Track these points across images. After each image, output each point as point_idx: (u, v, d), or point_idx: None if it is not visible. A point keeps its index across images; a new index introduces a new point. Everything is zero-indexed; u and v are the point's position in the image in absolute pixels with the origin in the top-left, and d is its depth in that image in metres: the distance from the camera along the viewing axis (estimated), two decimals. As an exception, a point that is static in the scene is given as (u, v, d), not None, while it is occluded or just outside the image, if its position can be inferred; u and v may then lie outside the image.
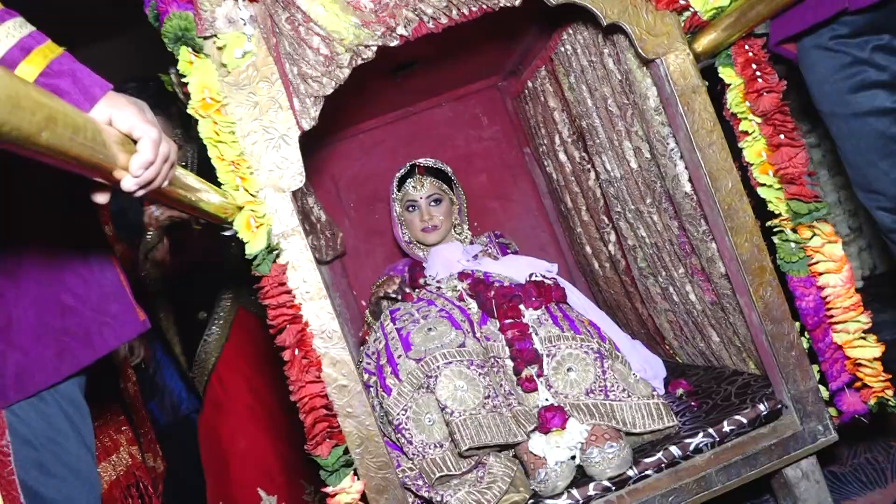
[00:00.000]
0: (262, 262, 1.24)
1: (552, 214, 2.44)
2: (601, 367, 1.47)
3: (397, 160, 2.28)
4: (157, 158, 0.85)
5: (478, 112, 2.43)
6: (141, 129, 0.84)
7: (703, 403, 1.53)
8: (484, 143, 2.44)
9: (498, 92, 2.44)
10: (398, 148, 2.37)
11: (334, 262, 2.29)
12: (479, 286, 1.70)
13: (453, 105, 2.42)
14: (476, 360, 1.47)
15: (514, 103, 2.40)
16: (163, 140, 0.87)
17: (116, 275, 1.15)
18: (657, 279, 1.79)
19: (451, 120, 2.42)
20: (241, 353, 2.26)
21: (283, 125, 1.27)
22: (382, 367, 1.55)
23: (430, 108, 2.40)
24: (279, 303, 1.23)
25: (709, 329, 1.68)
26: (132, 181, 0.83)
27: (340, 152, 2.37)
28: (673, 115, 1.40)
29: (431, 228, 2.02)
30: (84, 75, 0.84)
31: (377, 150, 2.38)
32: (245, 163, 1.25)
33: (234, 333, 2.27)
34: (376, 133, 2.38)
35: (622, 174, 1.73)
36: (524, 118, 2.33)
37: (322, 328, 1.26)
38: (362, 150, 2.38)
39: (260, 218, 1.24)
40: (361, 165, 2.37)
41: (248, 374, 2.26)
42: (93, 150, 0.74)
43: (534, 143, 2.31)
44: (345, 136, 2.36)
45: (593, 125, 1.78)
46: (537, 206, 2.46)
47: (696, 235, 1.51)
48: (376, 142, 2.38)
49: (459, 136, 2.42)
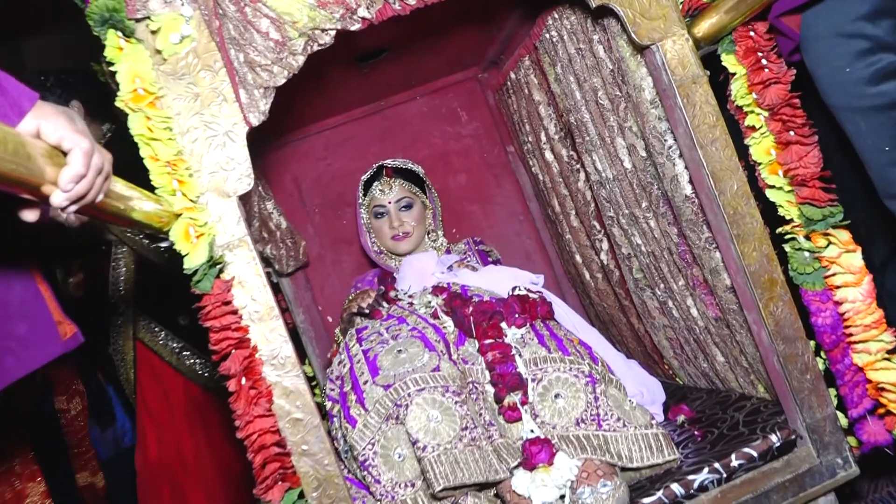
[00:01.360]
0: (203, 278, 1.19)
1: (538, 219, 2.44)
2: (593, 393, 1.45)
3: (367, 159, 2.28)
4: (90, 171, 0.86)
5: (456, 106, 2.44)
6: (71, 140, 0.84)
7: (708, 433, 1.50)
8: (463, 140, 2.44)
9: (478, 84, 2.44)
10: (368, 146, 2.37)
11: (296, 273, 2.27)
12: (456, 301, 1.69)
13: (428, 99, 2.42)
14: (452, 386, 1.44)
15: (496, 97, 2.40)
16: (96, 151, 0.88)
17: (30, 290, 1.10)
18: (654, 292, 1.77)
19: (426, 115, 2.42)
20: (158, 393, 2.18)
21: (227, 120, 1.24)
22: (346, 395, 1.52)
23: (402, 103, 2.40)
24: (223, 325, 1.19)
25: (712, 348, 1.66)
26: (62, 196, 0.84)
27: (303, 151, 2.35)
28: (671, 108, 1.38)
29: (402, 236, 2.02)
30: (10, 86, 0.85)
31: (344, 149, 2.37)
32: (183, 163, 1.21)
33: (143, 376, 2.19)
34: (343, 130, 2.37)
35: (615, 175, 1.71)
36: (507, 113, 2.32)
37: (273, 353, 1.22)
38: (327, 148, 2.37)
39: (201, 227, 1.21)
40: (326, 165, 2.36)
41: (180, 405, 2.19)
42: (15, 164, 0.75)
43: (517, 140, 2.31)
44: (307, 132, 2.35)
45: (582, 120, 1.76)
46: (522, 211, 2.46)
47: (697, 243, 1.49)
48: (343, 139, 2.37)
49: (436, 132, 2.42)
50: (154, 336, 2.19)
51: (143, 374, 2.20)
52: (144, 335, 2.19)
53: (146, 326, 2.20)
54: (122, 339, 2.19)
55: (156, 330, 2.20)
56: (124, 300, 2.16)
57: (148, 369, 2.20)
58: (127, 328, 2.19)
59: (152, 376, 2.22)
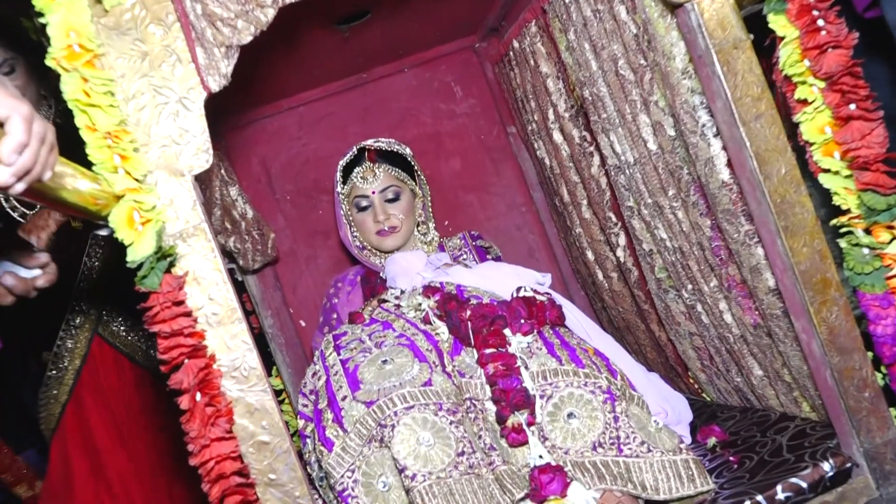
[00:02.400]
0: (150, 273, 1.13)
1: (543, 211, 2.43)
2: (612, 412, 1.42)
3: (347, 140, 2.25)
4: (32, 139, 0.87)
5: (449, 80, 2.42)
6: (6, 106, 0.85)
7: (746, 459, 1.47)
8: (457, 119, 2.43)
9: (475, 55, 2.43)
10: (347, 125, 2.35)
11: (264, 270, 2.24)
12: (451, 304, 1.66)
13: (418, 71, 2.41)
14: (446, 403, 1.42)
15: (496, 69, 2.38)
16: (36, 118, 0.88)
17: None
18: (680, 294, 1.74)
19: (415, 90, 2.40)
20: (94, 414, 2.08)
21: (182, 84, 1.19)
22: (322, 413, 1.50)
23: (388, 76, 2.39)
24: (173, 329, 1.12)
25: (749, 359, 1.62)
26: (7, 172, 0.85)
27: (273, 129, 2.34)
28: (707, 78, 1.33)
29: (388, 231, 2.01)
30: None
31: (320, 128, 2.35)
32: (127, 135, 1.16)
33: (85, 392, 2.09)
34: (320, 105, 2.35)
35: (636, 158, 1.68)
36: (508, 88, 2.30)
37: (235, 364, 1.18)
38: (301, 126, 2.35)
39: (147, 211, 1.15)
40: (301, 146, 2.34)
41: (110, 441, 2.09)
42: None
43: (521, 119, 2.29)
44: (278, 108, 2.33)
45: (599, 95, 1.73)
46: (524, 201, 2.45)
47: (735, 238, 1.45)
48: (320, 116, 2.35)
49: (426, 110, 2.41)
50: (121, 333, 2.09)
51: (86, 390, 2.09)
52: (108, 332, 2.09)
53: (113, 322, 2.10)
54: (74, 342, 2.09)
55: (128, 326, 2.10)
56: (90, 294, 2.07)
57: (94, 385, 2.10)
58: (85, 328, 2.10)
59: (99, 390, 2.12)
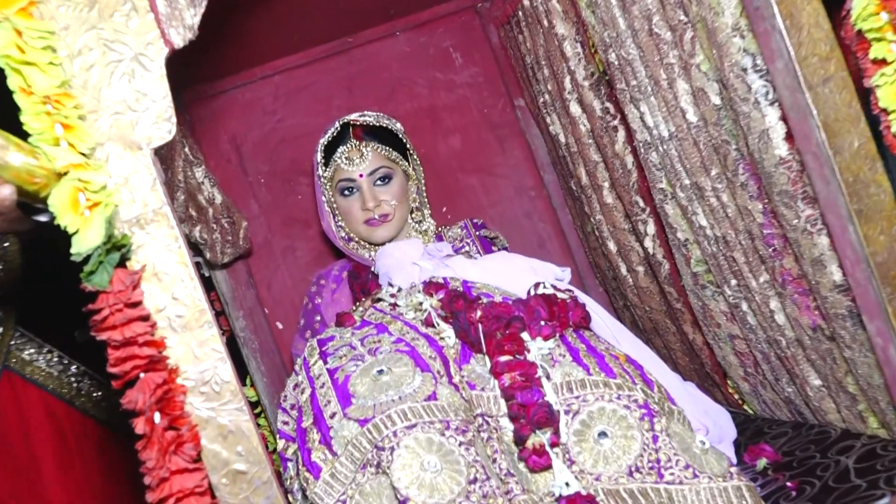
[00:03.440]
0: (99, 268, 1.06)
1: (556, 196, 2.42)
2: (651, 431, 1.36)
3: (330, 114, 2.26)
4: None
5: (448, 45, 2.43)
6: None
7: (805, 485, 1.40)
8: (457, 91, 2.43)
9: (477, 16, 2.43)
10: (331, 96, 2.36)
11: (235, 264, 2.24)
12: (458, 303, 1.60)
13: (412, 35, 2.41)
14: (454, 421, 1.36)
15: (502, 33, 2.36)
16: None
17: None
18: (722, 291, 1.70)
19: (408, 57, 2.41)
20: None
21: (138, 38, 1.12)
22: (306, 432, 1.45)
23: (377, 39, 2.39)
24: (127, 337, 1.05)
25: (804, 367, 1.57)
26: None
27: (245, 102, 2.34)
28: (765, 33, 1.26)
29: (379, 220, 1.99)
30: None
31: (300, 100, 2.36)
32: (71, 100, 1.09)
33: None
34: (299, 74, 2.36)
35: (672, 132, 1.63)
36: (516, 55, 2.28)
37: (204, 377, 1.11)
38: (278, 98, 2.35)
39: (96, 192, 1.07)
40: (277, 122, 2.35)
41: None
42: None
43: (530, 90, 2.27)
44: (251, 76, 2.33)
45: (627, 59, 1.68)
46: (534, 184, 2.45)
47: (794, 224, 1.38)
48: (299, 87, 2.36)
49: (421, 80, 2.42)
50: (37, 361, 2.00)
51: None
52: (18, 360, 1.99)
53: (23, 347, 2.00)
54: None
55: (41, 352, 2.01)
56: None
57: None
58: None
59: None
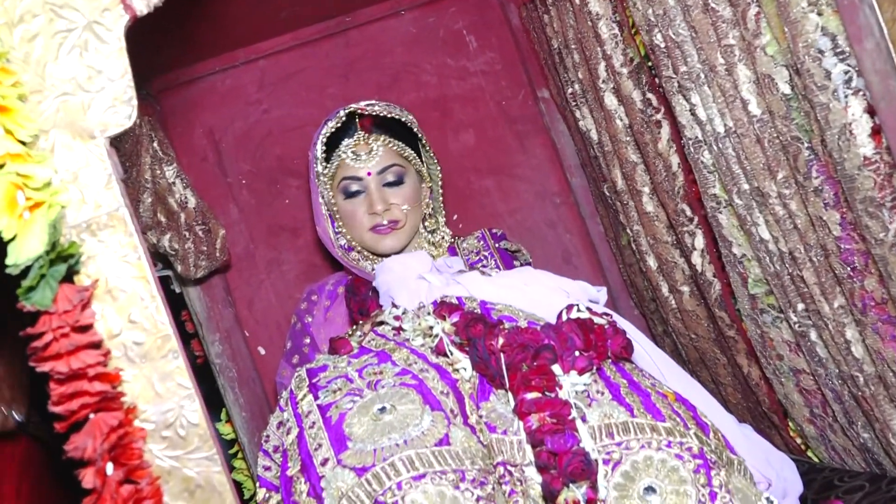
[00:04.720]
0: (40, 283, 1.03)
1: (585, 202, 2.42)
2: (708, 486, 1.32)
3: (323, 106, 2.27)
4: None
5: (460, 27, 2.43)
6: None
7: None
8: (470, 79, 2.44)
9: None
10: (324, 85, 2.38)
11: (211, 279, 2.24)
12: (477, 328, 1.55)
13: (419, 14, 2.43)
14: (470, 470, 1.31)
15: (524, 13, 2.34)
16: None
17: None
18: (786, 316, 1.66)
19: (415, 39, 2.42)
20: None
21: (92, 4, 1.10)
22: (292, 481, 1.42)
23: (379, 19, 2.40)
24: (73, 369, 1.01)
25: (886, 408, 1.52)
26: None
27: (224, 90, 2.36)
28: (850, 7, 1.22)
29: (388, 227, 1.95)
30: None
31: (288, 88, 2.38)
32: (9, 76, 1.07)
33: None
34: (287, 58, 2.37)
35: (730, 127, 1.59)
36: (540, 38, 2.26)
37: (167, 418, 1.09)
38: (263, 86, 2.36)
39: (38, 190, 1.04)
40: (262, 113, 2.36)
41: None
42: None
43: (557, 79, 2.25)
44: (232, 61, 2.34)
45: (676, 41, 1.64)
46: (560, 188, 2.45)
47: (881, 237, 1.34)
48: (287, 73, 2.37)
49: (429, 67, 2.43)
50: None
51: None
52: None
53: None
54: None
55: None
56: None
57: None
58: None
59: None
